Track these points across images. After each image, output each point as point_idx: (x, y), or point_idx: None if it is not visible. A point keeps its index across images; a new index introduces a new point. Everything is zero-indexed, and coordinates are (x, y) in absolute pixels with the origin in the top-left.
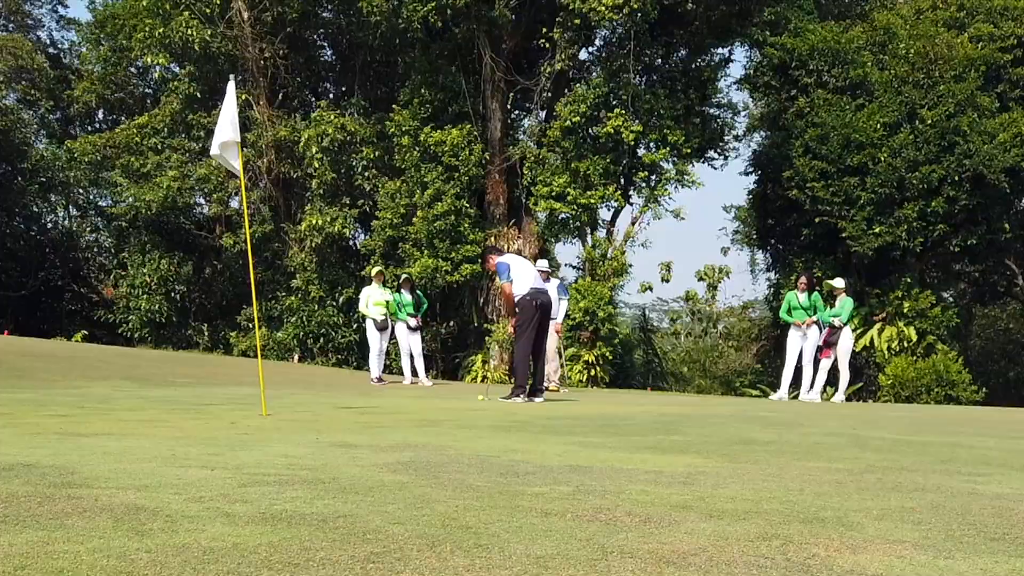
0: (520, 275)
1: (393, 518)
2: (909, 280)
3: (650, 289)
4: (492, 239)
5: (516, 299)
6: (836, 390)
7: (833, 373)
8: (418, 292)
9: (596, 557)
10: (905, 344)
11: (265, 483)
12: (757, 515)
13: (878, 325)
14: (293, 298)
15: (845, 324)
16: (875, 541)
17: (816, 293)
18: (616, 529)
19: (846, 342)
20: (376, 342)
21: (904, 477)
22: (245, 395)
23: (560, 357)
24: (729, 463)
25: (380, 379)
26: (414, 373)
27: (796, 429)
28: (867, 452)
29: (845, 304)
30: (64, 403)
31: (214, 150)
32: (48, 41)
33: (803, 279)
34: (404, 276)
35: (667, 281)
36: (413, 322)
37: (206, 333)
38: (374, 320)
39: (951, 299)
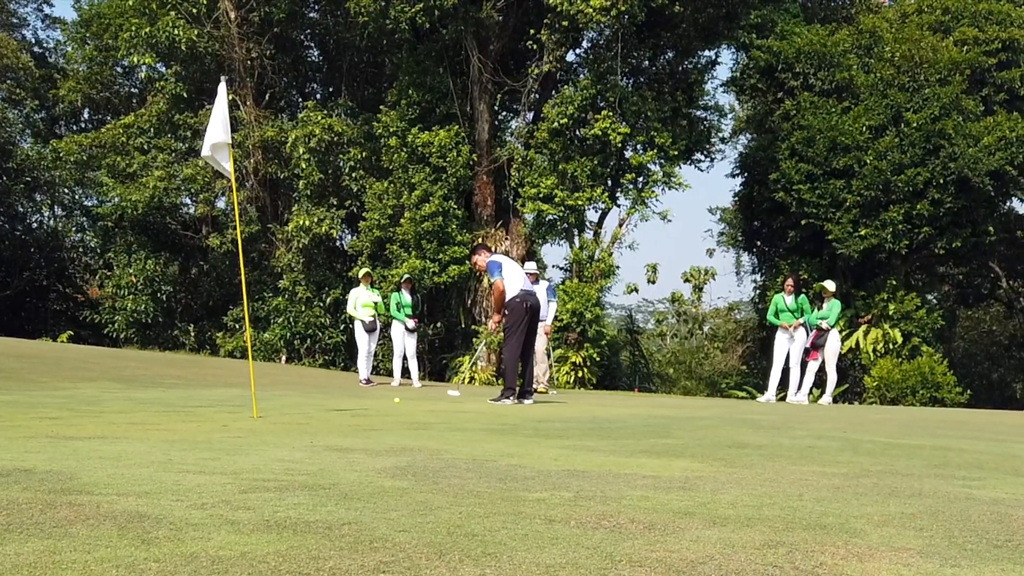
0: (510, 276)
1: (398, 525)
2: (894, 282)
3: (636, 290)
4: (480, 240)
5: (506, 299)
6: (823, 392)
7: (819, 375)
8: (418, 295)
9: (605, 566)
10: (890, 346)
11: (265, 489)
12: (760, 522)
13: (863, 327)
14: (280, 299)
15: (833, 326)
16: (880, 549)
17: (803, 296)
18: (622, 536)
19: (834, 344)
20: (364, 344)
21: (900, 482)
22: (234, 397)
23: (549, 359)
24: (725, 467)
25: (369, 380)
26: (403, 374)
27: (787, 432)
28: (860, 456)
29: (833, 307)
30: (53, 405)
31: (205, 151)
32: (33, 40)
33: (790, 281)
34: (405, 277)
35: (653, 283)
36: (411, 323)
37: (192, 334)
38: (363, 322)
39: (935, 301)
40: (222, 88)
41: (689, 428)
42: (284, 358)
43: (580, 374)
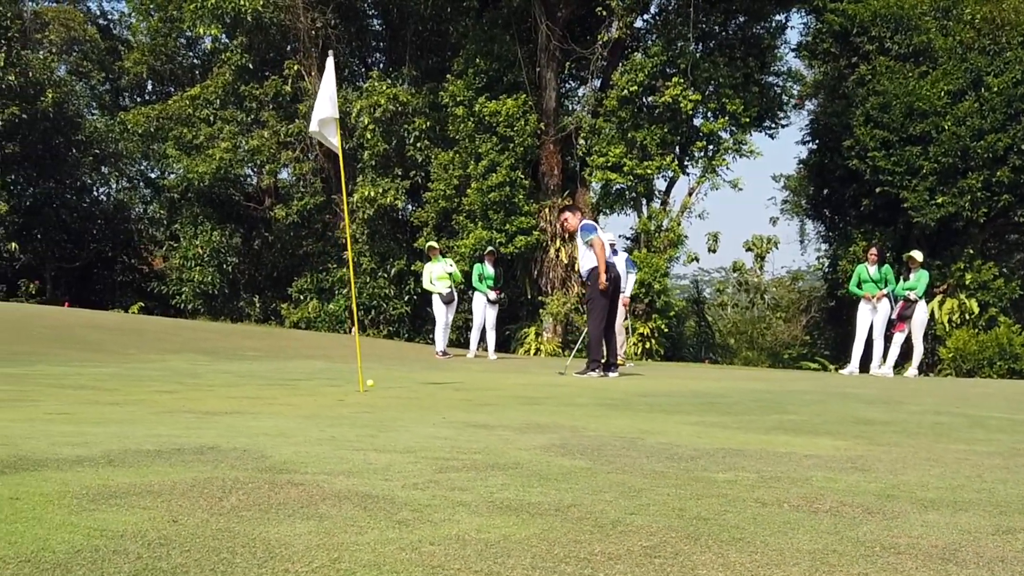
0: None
1: (623, 508)
2: (971, 251)
3: (696, 260)
4: (546, 211)
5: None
6: (908, 364)
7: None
8: (500, 267)
9: (864, 552)
10: (967, 316)
11: (456, 469)
12: (969, 505)
13: (939, 297)
14: (344, 270)
15: (921, 297)
16: None
17: (887, 266)
18: (851, 522)
19: (921, 316)
20: (442, 315)
21: None
22: (323, 369)
23: (627, 330)
24: (873, 446)
25: (445, 352)
26: (479, 346)
27: (900, 408)
28: (995, 433)
29: (921, 277)
30: (157, 378)
31: (313, 127)
32: (98, 12)
33: (873, 251)
34: (488, 249)
35: (714, 252)
36: (493, 295)
37: (257, 305)
38: (440, 295)
39: (1007, 271)
40: (330, 63)
41: (800, 403)
42: (354, 330)
43: (648, 345)
